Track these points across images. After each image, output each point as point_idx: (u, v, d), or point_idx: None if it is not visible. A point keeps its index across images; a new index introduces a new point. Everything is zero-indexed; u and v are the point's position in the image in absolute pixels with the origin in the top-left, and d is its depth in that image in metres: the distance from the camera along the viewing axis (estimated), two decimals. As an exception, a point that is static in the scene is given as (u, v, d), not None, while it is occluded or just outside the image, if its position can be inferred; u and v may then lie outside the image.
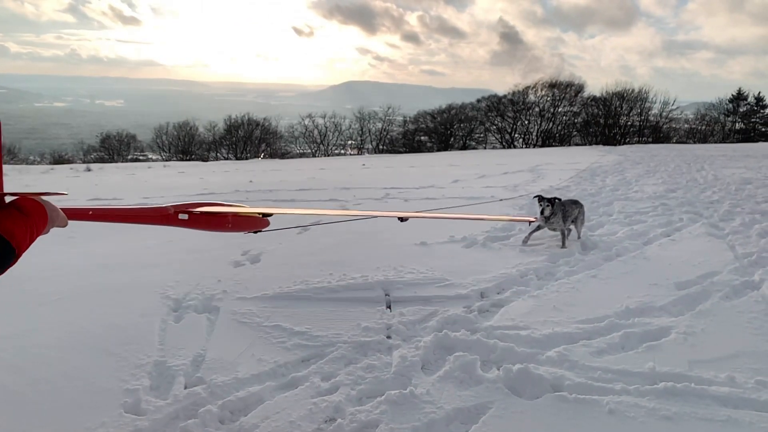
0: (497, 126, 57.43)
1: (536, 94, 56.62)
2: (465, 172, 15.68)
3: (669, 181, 12.41)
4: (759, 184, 11.44)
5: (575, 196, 10.18)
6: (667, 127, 53.33)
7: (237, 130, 55.37)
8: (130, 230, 7.98)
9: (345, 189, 11.98)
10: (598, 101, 54.50)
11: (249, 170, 19.96)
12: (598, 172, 14.44)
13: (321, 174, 16.78)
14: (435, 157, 28.60)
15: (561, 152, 25.27)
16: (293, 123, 59.21)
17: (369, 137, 58.63)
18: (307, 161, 29.12)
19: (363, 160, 25.33)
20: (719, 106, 53.07)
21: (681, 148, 26.22)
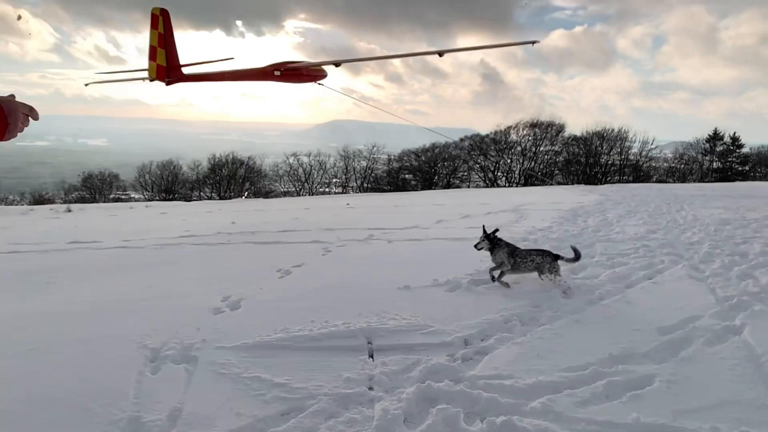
0: (480, 165, 58.21)
1: (518, 133, 57.76)
2: (449, 212, 15.74)
3: (650, 221, 12.54)
4: (737, 225, 11.60)
5: (558, 237, 10.28)
6: (647, 166, 54.43)
7: (221, 168, 55.49)
8: (111, 275, 7.87)
9: (329, 230, 11.94)
10: (579, 141, 55.68)
11: (232, 210, 19.86)
12: (580, 212, 14.57)
13: (305, 214, 16.73)
14: (419, 196, 28.75)
15: (543, 192, 25.54)
16: (278, 161, 59.53)
17: (354, 175, 59.06)
18: (291, 200, 29.11)
19: (348, 199, 25.38)
20: (697, 146, 54.41)
21: (661, 187, 26.65)
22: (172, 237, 11.55)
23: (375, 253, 9.27)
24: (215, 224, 13.97)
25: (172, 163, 56.06)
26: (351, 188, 57.87)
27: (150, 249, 10.04)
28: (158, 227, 13.90)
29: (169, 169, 55.49)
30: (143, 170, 55.71)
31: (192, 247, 10.15)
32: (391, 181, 57.41)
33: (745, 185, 29.32)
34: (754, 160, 53.70)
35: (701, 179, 51.59)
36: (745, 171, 52.26)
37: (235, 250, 9.89)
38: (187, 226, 13.88)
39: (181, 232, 12.44)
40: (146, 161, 56.88)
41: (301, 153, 58.52)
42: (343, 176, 58.43)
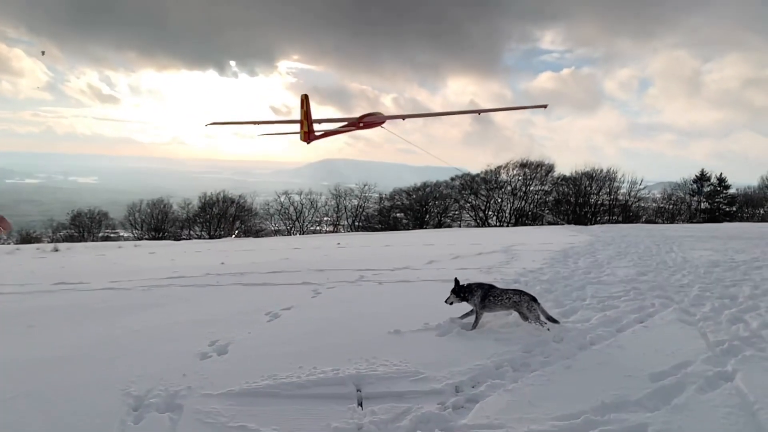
0: (471, 204, 58.51)
1: (508, 173, 58.27)
2: (440, 252, 15.73)
3: (640, 263, 12.58)
4: (726, 267, 11.65)
5: (549, 279, 10.27)
6: (636, 206, 54.92)
7: (211, 207, 55.42)
8: (96, 318, 7.74)
9: (319, 271, 11.87)
10: (568, 181, 56.21)
11: (221, 250, 19.75)
12: (571, 253, 14.61)
13: (295, 254, 16.66)
14: (410, 235, 28.76)
15: (533, 231, 25.65)
16: (269, 200, 59.56)
17: (345, 214, 59.12)
18: (281, 240, 29.00)
19: (338, 239, 25.32)
20: (684, 186, 55.05)
21: (650, 228, 26.85)
22: (161, 278, 11.43)
23: (365, 295, 9.20)
24: (204, 265, 13.86)
25: (163, 202, 55.95)
26: (342, 227, 57.86)
27: (137, 291, 9.92)
28: (146, 268, 13.78)
29: (160, 208, 55.33)
30: (133, 208, 55.51)
31: (180, 289, 10.03)
32: (382, 219, 57.50)
33: (733, 226, 29.61)
34: (741, 201, 54.38)
35: (690, 219, 52.07)
36: (733, 212, 52.85)
37: (223, 292, 9.79)
38: (176, 266, 13.76)
39: (170, 273, 12.32)
40: (136, 199, 56.76)
41: (292, 191, 58.70)
42: (334, 215, 58.50)
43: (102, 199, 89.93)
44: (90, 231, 53.88)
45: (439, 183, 59.52)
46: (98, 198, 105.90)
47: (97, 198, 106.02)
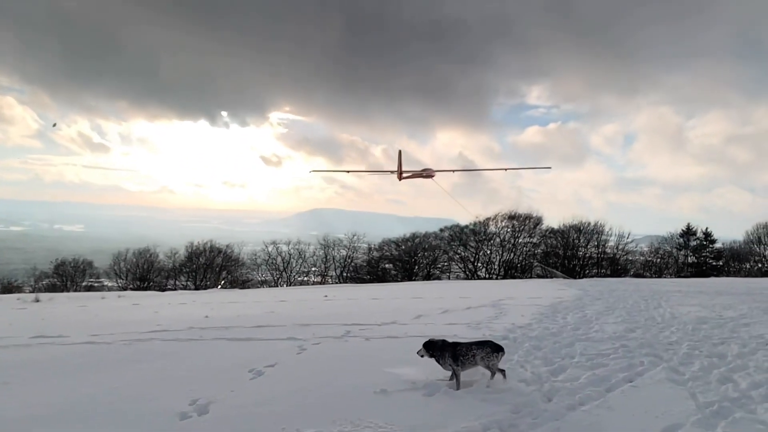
0: (460, 255, 58.42)
1: (497, 225, 58.47)
2: (428, 306, 15.61)
3: (628, 319, 12.53)
4: (714, 324, 11.64)
5: (537, 336, 10.17)
6: (624, 259, 55.10)
7: (198, 257, 54.90)
8: (74, 374, 7.52)
9: (304, 326, 11.68)
10: (557, 233, 56.46)
11: (206, 302, 19.49)
12: (560, 308, 14.55)
13: (281, 307, 16.46)
14: (399, 288, 28.57)
15: (522, 285, 25.60)
16: (257, 250, 59.12)
17: (333, 264, 58.66)
18: (267, 292, 28.69)
19: (326, 291, 25.11)
20: (671, 240, 55.45)
21: (638, 282, 26.91)
22: (143, 332, 11.19)
23: (352, 351, 9.04)
24: (188, 318, 13.63)
25: (149, 251, 55.32)
26: (330, 277, 57.37)
27: (118, 345, 9.68)
28: (129, 320, 13.52)
29: (146, 257, 54.67)
30: (119, 257, 54.79)
31: (162, 344, 9.81)
32: (370, 270, 57.12)
33: (720, 281, 29.77)
34: (727, 255, 54.74)
35: (677, 273, 52.24)
36: (719, 266, 53.15)
37: (206, 347, 9.58)
38: (159, 319, 13.52)
39: (153, 326, 12.08)
40: (123, 248, 56.11)
41: (280, 241, 58.36)
42: (322, 265, 58.00)
43: (87, 248, 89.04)
44: (73, 280, 53.01)
45: (428, 234, 59.54)
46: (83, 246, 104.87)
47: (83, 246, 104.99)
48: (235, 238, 70.55)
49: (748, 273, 51.08)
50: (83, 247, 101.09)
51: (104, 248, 74.54)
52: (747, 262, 53.93)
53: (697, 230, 54.44)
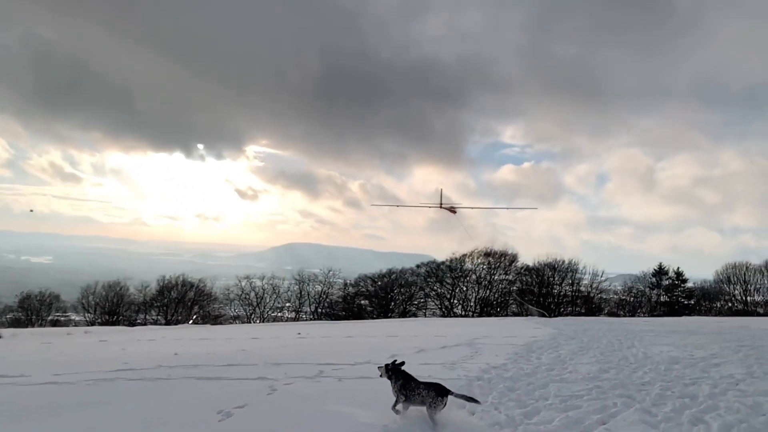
0: (436, 292, 58.32)
1: (473, 262, 58.70)
2: (403, 344, 15.45)
3: (602, 359, 12.54)
4: (686, 364, 11.70)
5: (512, 377, 10.09)
6: (598, 298, 55.62)
7: (170, 291, 53.83)
8: (33, 418, 7.22)
9: (276, 365, 11.45)
10: (532, 271, 56.89)
11: (176, 338, 19.04)
12: (534, 347, 14.52)
13: (252, 345, 16.13)
14: (374, 325, 28.31)
15: (498, 323, 25.58)
16: (230, 284, 58.27)
17: (308, 300, 57.98)
18: (239, 328, 28.16)
19: (299, 328, 24.74)
20: (644, 280, 56.29)
21: (612, 321, 27.10)
22: (109, 370, 10.84)
23: (324, 392, 8.85)
24: (156, 355, 13.27)
25: (119, 284, 54.05)
26: (304, 313, 56.62)
27: (82, 385, 9.34)
28: (95, 358, 13.10)
29: (115, 290, 53.35)
30: (87, 291, 53.36)
31: (128, 384, 9.50)
32: (346, 307, 56.56)
33: (692, 320, 30.14)
34: (698, 295, 55.66)
35: (651, 312, 52.84)
36: (691, 305, 53.97)
37: (174, 386, 9.29)
38: (127, 356, 13.13)
39: (119, 364, 11.72)
40: (92, 281, 54.74)
41: (254, 276, 57.61)
42: (296, 301, 57.30)
43: (55, 280, 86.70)
44: (39, 314, 51.43)
45: (405, 270, 59.42)
46: (51, 279, 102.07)
47: (50, 279, 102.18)
48: (208, 272, 69.58)
49: (718, 312, 51.90)
50: (51, 279, 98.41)
51: (73, 281, 72.68)
52: (717, 301, 54.87)
53: (669, 270, 55.45)
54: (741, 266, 53.37)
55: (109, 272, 72.94)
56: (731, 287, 53.50)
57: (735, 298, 53.35)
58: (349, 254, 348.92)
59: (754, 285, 52.75)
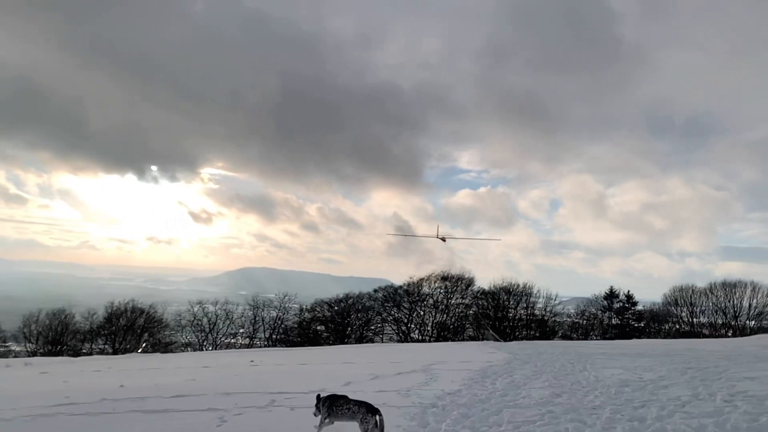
0: (394, 316, 58.11)
1: (430, 286, 58.86)
2: (359, 371, 15.27)
3: (555, 383, 12.66)
4: (635, 387, 11.93)
5: (466, 403, 10.07)
6: (552, 321, 56.50)
7: (118, 318, 51.86)
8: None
9: (227, 395, 11.11)
10: (487, 295, 57.46)
11: (123, 369, 18.32)
12: (489, 373, 14.56)
13: (203, 374, 15.65)
14: (329, 352, 27.94)
15: (454, 348, 25.61)
16: (182, 310, 56.58)
17: (263, 326, 56.77)
18: (190, 356, 27.34)
19: (253, 355, 24.20)
20: (596, 303, 57.59)
21: (565, 345, 27.52)
22: (49, 405, 10.30)
23: (275, 423, 8.63)
24: (101, 388, 12.70)
25: (64, 312, 51.66)
26: (259, 340, 55.40)
27: (19, 422, 8.84)
28: (34, 392, 12.45)
29: (60, 318, 50.93)
30: (29, 319, 50.74)
31: (69, 419, 9.04)
32: (301, 332, 55.64)
33: (642, 343, 30.90)
34: (648, 317, 57.23)
35: (603, 335, 53.97)
36: (641, 327, 55.42)
37: (119, 421, 8.89)
38: (69, 390, 12.52)
39: (61, 398, 11.16)
40: (35, 309, 52.21)
41: (207, 301, 56.09)
42: (250, 327, 55.99)
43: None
44: (-26, 345, 48.74)
45: (362, 294, 59.04)
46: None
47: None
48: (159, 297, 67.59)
49: (667, 334, 53.44)
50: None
51: (14, 309, 69.24)
52: (666, 323, 56.53)
53: (619, 293, 56.95)
54: (687, 289, 55.25)
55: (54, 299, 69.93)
56: (678, 309, 55.22)
57: (682, 320, 55.06)
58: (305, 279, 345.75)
59: (700, 307, 54.59)
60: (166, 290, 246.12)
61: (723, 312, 53.12)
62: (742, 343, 28.88)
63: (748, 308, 52.42)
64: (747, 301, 52.45)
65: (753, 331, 47.60)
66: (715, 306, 53.68)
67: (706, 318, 54.85)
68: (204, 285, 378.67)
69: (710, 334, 50.55)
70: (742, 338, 37.86)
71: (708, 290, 54.19)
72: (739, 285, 53.08)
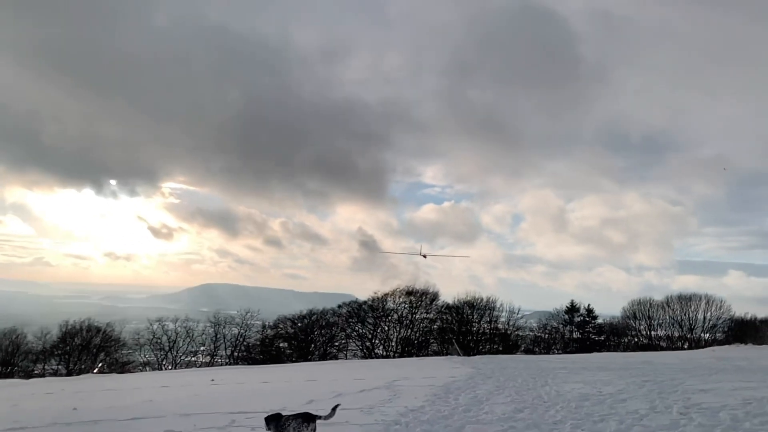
0: (358, 332, 57.78)
1: (395, 301, 58.82)
2: (321, 389, 15.08)
3: (517, 398, 12.75)
4: (595, 401, 12.11)
5: (428, 419, 10.04)
6: (515, 335, 57.05)
7: (73, 337, 50.08)
8: None
9: (185, 416, 10.82)
10: (451, 309, 57.73)
11: (77, 391, 17.69)
12: (452, 388, 14.58)
13: (161, 394, 15.23)
14: (292, 369, 27.56)
15: (418, 364, 25.60)
16: (140, 328, 55.11)
17: (224, 343, 55.66)
18: (148, 376, 26.61)
19: (213, 374, 23.69)
20: (557, 316, 58.47)
21: (527, 360, 27.82)
22: (-6, 430, 9.85)
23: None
24: (52, 411, 12.23)
25: (15, 331, 49.60)
26: (220, 357, 54.28)
27: (-40, 448, 8.41)
28: (-21, 416, 11.88)
29: (11, 339, 48.78)
30: (-23, 340, 48.70)
31: (15, 444, 8.65)
32: (264, 350, 54.78)
33: (602, 356, 31.47)
34: (608, 331, 58.39)
35: (564, 348, 54.77)
36: (601, 341, 56.48)
37: (69, 446, 8.56)
38: (18, 414, 12.02)
39: (9, 423, 10.69)
40: (-18, 329, 50.07)
41: (167, 318, 54.76)
42: (211, 345, 54.83)
43: (-59, 329, 78.73)
44: None
45: (326, 310, 58.59)
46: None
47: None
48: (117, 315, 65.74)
49: (626, 347, 54.55)
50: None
51: (-39, 329, 66.32)
52: (625, 336, 57.71)
53: (580, 306, 57.99)
54: (645, 302, 56.65)
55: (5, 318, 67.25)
56: (637, 323, 56.49)
57: (640, 333, 56.32)
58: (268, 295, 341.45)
59: (657, 320, 55.99)
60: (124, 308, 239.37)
61: (679, 325, 54.62)
62: (697, 355, 29.74)
63: (703, 321, 54.06)
64: (701, 314, 54.10)
65: (707, 344, 49.03)
66: (671, 319, 55.18)
67: (664, 331, 56.27)
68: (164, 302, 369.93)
69: (667, 347, 51.83)
70: (697, 350, 39.00)
71: (665, 303, 55.68)
72: (694, 298, 54.74)
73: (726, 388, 13.65)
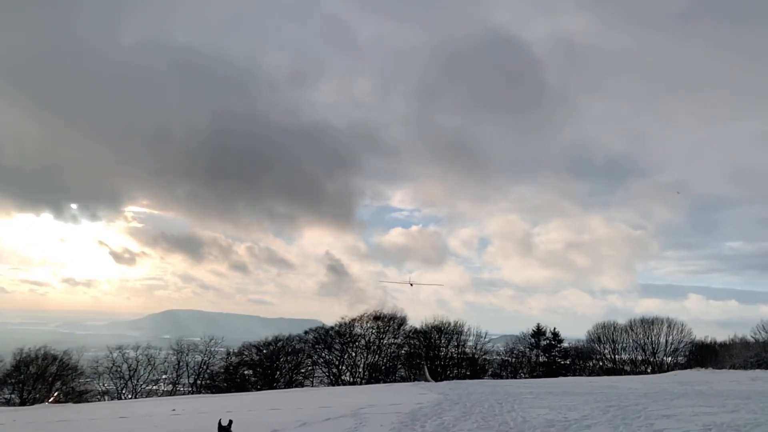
0: (325, 359, 57.02)
1: (362, 326, 58.35)
2: (286, 418, 14.75)
3: (484, 425, 12.69)
4: (560, 427, 12.13)
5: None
6: (482, 359, 57.09)
7: (27, 366, 48.10)
8: None
9: (143, 449, 10.43)
10: (419, 334, 57.57)
11: (30, 421, 16.93)
12: (419, 415, 14.42)
13: (119, 426, 14.68)
14: (257, 397, 26.95)
15: (385, 390, 25.33)
16: (99, 356, 53.32)
17: (187, 371, 54.20)
18: (106, 406, 25.66)
19: (175, 403, 22.97)
20: (524, 340, 58.83)
21: (494, 384, 27.81)
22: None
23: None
24: (0, 445, 11.63)
25: (-35, 360, 47.60)
26: (183, 386, 52.78)
27: None
28: None
29: (-40, 368, 46.83)
30: (-76, 370, 46.39)
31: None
32: (228, 378, 53.51)
33: (567, 381, 31.66)
34: (573, 354, 58.93)
35: (531, 372, 54.98)
36: (567, 364, 56.93)
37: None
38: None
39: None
40: (-71, 359, 47.73)
41: (127, 346, 53.23)
42: (174, 373, 53.30)
43: None
44: None
45: (292, 337, 57.73)
46: None
47: None
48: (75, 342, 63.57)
49: (591, 371, 55.05)
50: None
51: None
52: (590, 360, 58.29)
53: (546, 330, 58.47)
54: (609, 326, 57.44)
55: (-46, 347, 64.35)
56: (601, 346, 57.17)
57: (605, 357, 56.97)
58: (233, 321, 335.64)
59: (621, 344, 56.77)
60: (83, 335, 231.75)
61: (642, 348, 55.47)
62: (660, 379, 30.18)
63: (665, 344, 55.04)
64: (664, 337, 55.12)
65: (669, 367, 49.87)
66: (635, 342, 56.02)
67: (627, 354, 57.03)
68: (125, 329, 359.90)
69: (631, 371, 52.49)
70: (660, 375, 39.60)
71: (628, 327, 56.55)
72: (656, 322, 55.79)
73: (687, 413, 13.85)
